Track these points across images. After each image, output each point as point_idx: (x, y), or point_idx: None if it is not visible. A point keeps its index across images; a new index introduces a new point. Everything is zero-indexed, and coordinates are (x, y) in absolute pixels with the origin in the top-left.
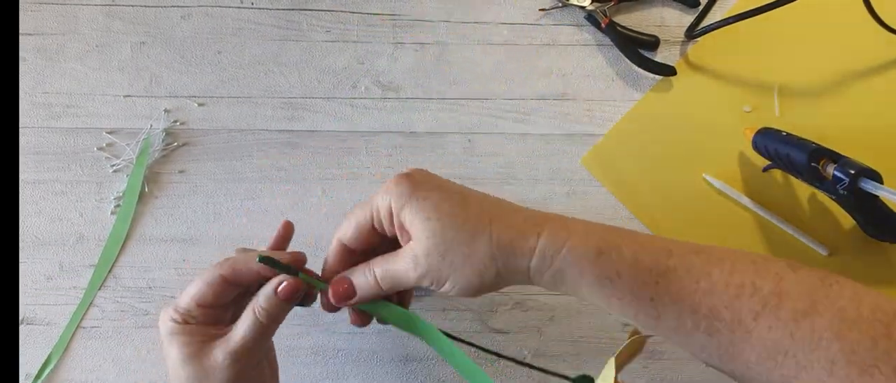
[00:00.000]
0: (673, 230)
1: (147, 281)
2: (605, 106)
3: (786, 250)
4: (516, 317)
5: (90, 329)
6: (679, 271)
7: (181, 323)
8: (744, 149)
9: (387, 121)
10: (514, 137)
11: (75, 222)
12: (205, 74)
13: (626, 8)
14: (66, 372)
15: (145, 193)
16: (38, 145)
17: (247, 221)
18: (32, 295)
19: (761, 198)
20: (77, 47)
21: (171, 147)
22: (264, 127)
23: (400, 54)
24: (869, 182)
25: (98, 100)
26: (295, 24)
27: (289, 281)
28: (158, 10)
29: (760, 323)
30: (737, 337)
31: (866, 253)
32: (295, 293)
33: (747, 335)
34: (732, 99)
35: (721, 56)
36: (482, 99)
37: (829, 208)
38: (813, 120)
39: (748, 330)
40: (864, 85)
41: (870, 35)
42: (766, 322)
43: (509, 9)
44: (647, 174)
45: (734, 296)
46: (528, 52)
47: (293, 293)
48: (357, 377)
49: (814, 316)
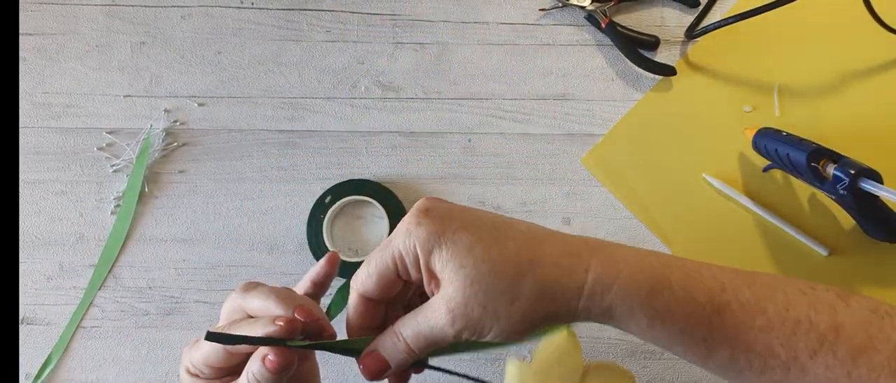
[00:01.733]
0: (673, 230)
1: (147, 281)
2: (605, 106)
3: (786, 250)
4: None
5: (90, 329)
6: (733, 307)
7: (193, 375)
8: (744, 149)
9: (387, 121)
10: (514, 137)
11: (75, 222)
12: (205, 74)
13: (626, 8)
14: (66, 372)
15: (145, 193)
16: (38, 145)
17: (247, 221)
18: (32, 295)
19: (761, 198)
20: (77, 47)
21: (171, 147)
22: (264, 127)
23: (400, 54)
24: (869, 182)
25: (98, 100)
26: (295, 24)
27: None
28: (158, 10)
29: (817, 361)
30: (791, 375)
31: (866, 253)
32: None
33: (802, 374)
34: (732, 99)
35: (721, 56)
36: (482, 99)
37: (829, 208)
38: (813, 120)
39: (804, 369)
40: (864, 85)
41: (870, 35)
42: (823, 360)
43: (509, 9)
44: (647, 174)
45: (791, 333)
46: (528, 52)
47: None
48: (357, 377)
49: (871, 353)
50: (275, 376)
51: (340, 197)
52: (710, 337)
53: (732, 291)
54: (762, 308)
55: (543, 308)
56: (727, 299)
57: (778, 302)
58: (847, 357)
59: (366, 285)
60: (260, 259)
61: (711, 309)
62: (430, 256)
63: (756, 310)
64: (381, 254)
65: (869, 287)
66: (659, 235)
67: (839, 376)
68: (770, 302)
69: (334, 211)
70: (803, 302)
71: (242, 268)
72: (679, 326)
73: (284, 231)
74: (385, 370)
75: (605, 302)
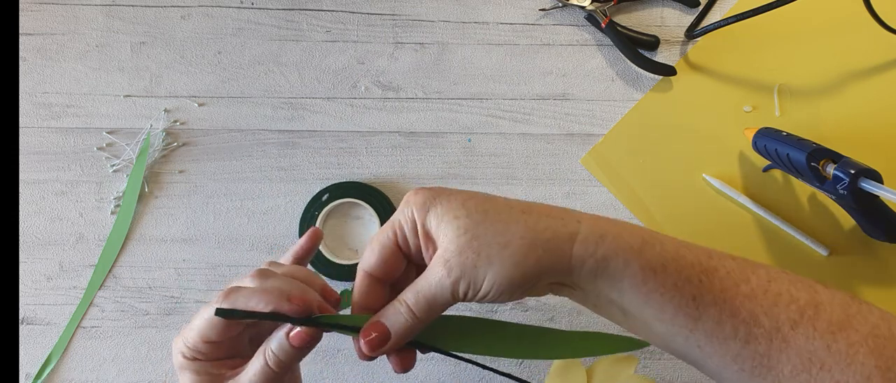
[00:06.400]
0: (673, 230)
1: (147, 281)
2: (605, 106)
3: (786, 250)
4: (516, 318)
5: (90, 329)
6: (720, 272)
7: (190, 358)
8: (744, 149)
9: (387, 121)
10: (514, 137)
11: (75, 222)
12: (205, 74)
13: (626, 8)
14: (66, 372)
15: (145, 193)
16: (38, 145)
17: (247, 221)
18: (32, 296)
19: (761, 198)
20: (77, 47)
21: (171, 147)
22: (264, 127)
23: (400, 54)
24: (869, 182)
25: (98, 100)
26: (295, 24)
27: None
28: (158, 10)
29: (798, 332)
30: (774, 346)
31: (866, 253)
32: (309, 341)
33: (784, 344)
34: (732, 99)
35: (721, 56)
36: (482, 99)
37: (829, 208)
38: (813, 120)
39: (786, 339)
40: (864, 85)
41: (870, 35)
42: (803, 331)
43: (509, 9)
44: (647, 174)
45: (772, 304)
46: (528, 52)
47: (306, 341)
48: (357, 377)
49: (849, 331)
50: (300, 352)
51: (338, 197)
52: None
53: (718, 259)
54: (746, 277)
55: (535, 254)
56: (714, 265)
57: (760, 275)
58: (826, 331)
59: (369, 261)
60: (260, 259)
61: (700, 270)
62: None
63: (740, 278)
64: (382, 230)
65: (869, 287)
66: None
67: (819, 348)
68: (753, 274)
69: (328, 210)
70: (784, 279)
71: (242, 268)
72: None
73: (284, 231)
74: (386, 340)
75: (599, 251)
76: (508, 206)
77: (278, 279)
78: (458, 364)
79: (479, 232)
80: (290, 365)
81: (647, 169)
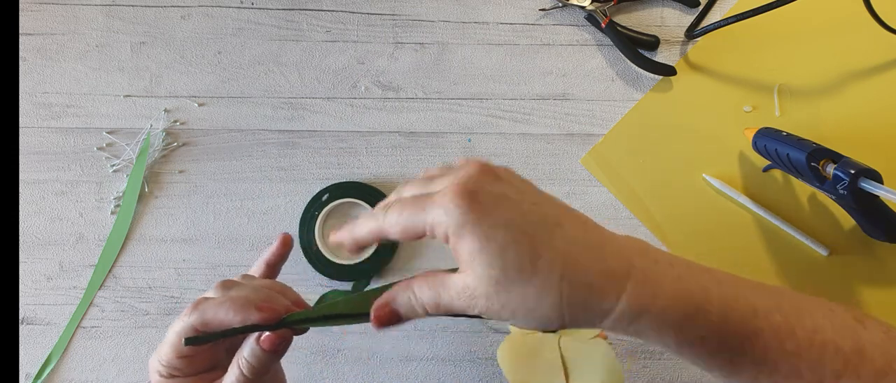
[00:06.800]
0: (673, 230)
1: (147, 281)
2: (605, 106)
3: (786, 250)
4: None
5: (90, 329)
6: (765, 334)
7: (167, 376)
8: (744, 149)
9: (387, 121)
10: (514, 137)
11: (75, 222)
12: (205, 74)
13: (626, 8)
14: (66, 372)
15: (145, 193)
16: (38, 145)
17: (247, 221)
18: (32, 296)
19: (761, 198)
20: (77, 47)
21: (171, 147)
22: (264, 127)
23: (400, 54)
24: (869, 182)
25: (98, 100)
26: (295, 24)
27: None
28: (158, 10)
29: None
30: None
31: (866, 253)
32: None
33: None
34: (732, 99)
35: (721, 56)
36: (482, 99)
37: (829, 208)
38: (813, 120)
39: None
40: (864, 85)
41: (870, 35)
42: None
43: (509, 9)
44: (647, 174)
45: (818, 357)
46: (528, 52)
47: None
48: (357, 377)
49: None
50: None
51: (338, 197)
52: (737, 358)
53: (764, 316)
54: (791, 331)
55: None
56: (760, 325)
57: (806, 326)
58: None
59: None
60: None
61: (743, 336)
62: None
63: (786, 334)
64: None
65: (869, 287)
66: (658, 235)
67: None
68: (799, 327)
69: (328, 210)
70: (829, 327)
71: (242, 268)
72: (708, 350)
73: (284, 231)
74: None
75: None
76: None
77: (242, 287)
78: (458, 364)
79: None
80: (265, 369)
81: (647, 169)
